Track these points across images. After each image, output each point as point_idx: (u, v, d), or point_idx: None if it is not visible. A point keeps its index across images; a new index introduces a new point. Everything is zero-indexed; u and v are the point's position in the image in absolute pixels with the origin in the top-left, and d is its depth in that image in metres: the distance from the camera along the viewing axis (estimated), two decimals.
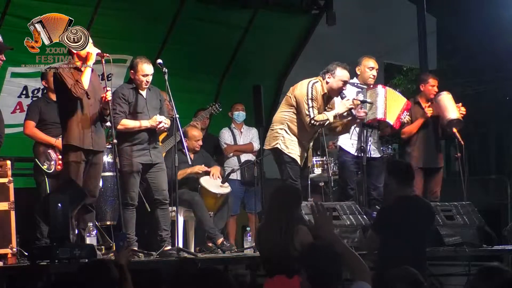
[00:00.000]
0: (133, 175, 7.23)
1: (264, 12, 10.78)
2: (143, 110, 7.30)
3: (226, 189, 8.41)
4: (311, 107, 7.35)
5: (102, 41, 7.60)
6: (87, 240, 6.71)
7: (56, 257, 6.02)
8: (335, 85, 7.49)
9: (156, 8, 9.86)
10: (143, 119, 7.28)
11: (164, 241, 7.34)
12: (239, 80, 10.76)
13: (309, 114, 7.35)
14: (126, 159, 7.19)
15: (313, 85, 7.44)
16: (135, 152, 7.24)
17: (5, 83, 9.02)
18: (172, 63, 7.61)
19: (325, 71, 7.53)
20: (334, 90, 7.51)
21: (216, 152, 9.52)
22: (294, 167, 7.47)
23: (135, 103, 7.28)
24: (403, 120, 8.19)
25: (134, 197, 7.26)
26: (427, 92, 8.72)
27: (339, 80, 7.49)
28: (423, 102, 8.73)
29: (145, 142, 7.27)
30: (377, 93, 7.98)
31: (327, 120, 7.40)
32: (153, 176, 7.36)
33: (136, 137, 7.26)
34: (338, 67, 7.49)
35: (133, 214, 7.26)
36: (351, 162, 8.04)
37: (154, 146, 7.37)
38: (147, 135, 7.28)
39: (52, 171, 7.40)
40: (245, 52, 10.78)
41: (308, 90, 7.39)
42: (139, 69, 7.27)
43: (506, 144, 16.92)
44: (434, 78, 8.86)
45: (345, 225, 7.52)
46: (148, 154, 7.30)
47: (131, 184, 7.22)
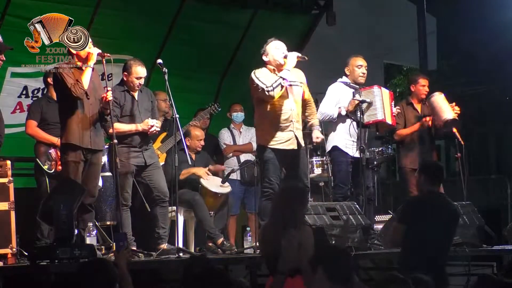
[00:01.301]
0: (127, 176, 7.25)
1: (264, 12, 10.79)
2: (134, 113, 7.32)
3: (227, 189, 8.42)
4: (259, 81, 7.17)
5: (102, 41, 7.60)
6: (87, 240, 6.71)
7: (56, 257, 6.02)
8: (273, 55, 7.35)
9: (156, 8, 9.86)
10: (135, 121, 7.29)
11: (161, 238, 7.35)
12: (239, 80, 10.74)
13: (262, 87, 7.15)
14: (120, 160, 7.20)
15: (255, 71, 7.32)
16: (128, 154, 7.26)
17: (5, 83, 9.03)
18: (172, 63, 7.61)
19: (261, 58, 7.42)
20: (277, 60, 7.33)
21: (216, 152, 9.52)
22: (273, 165, 7.27)
23: (126, 106, 7.30)
24: (395, 114, 8.18)
25: (128, 198, 7.28)
26: (418, 92, 8.73)
27: (272, 50, 7.36)
28: (415, 103, 8.73)
29: (137, 145, 7.30)
30: (374, 94, 7.97)
31: (280, 78, 7.18)
32: (150, 175, 7.38)
33: (128, 140, 7.28)
34: (266, 45, 7.39)
35: (127, 214, 7.26)
36: (348, 163, 8.01)
37: (146, 148, 7.38)
38: (139, 138, 7.30)
39: (53, 171, 7.40)
40: (245, 52, 10.78)
41: (252, 76, 7.24)
42: (133, 71, 7.29)
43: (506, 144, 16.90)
44: (424, 78, 8.86)
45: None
46: (141, 156, 7.33)
47: (124, 185, 7.22)
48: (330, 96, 8.11)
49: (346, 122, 7.99)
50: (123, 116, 7.30)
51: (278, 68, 7.34)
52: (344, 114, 7.98)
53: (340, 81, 8.15)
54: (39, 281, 6.00)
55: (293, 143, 7.31)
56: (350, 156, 7.98)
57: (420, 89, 8.74)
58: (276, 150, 7.26)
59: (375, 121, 7.99)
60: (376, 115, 7.92)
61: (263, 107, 7.29)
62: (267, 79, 7.20)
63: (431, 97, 8.59)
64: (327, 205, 7.78)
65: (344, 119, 8.02)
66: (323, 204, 7.89)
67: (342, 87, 8.10)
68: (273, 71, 7.34)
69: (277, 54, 7.35)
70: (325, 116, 8.05)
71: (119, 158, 7.12)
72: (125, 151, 7.25)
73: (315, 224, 7.39)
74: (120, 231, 6.95)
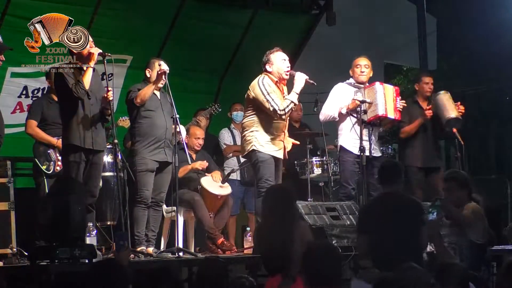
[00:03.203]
0: (148, 174, 7.26)
1: (264, 12, 10.78)
2: (156, 109, 7.34)
3: (227, 190, 8.41)
4: (272, 101, 7.22)
5: (102, 41, 7.61)
6: (87, 240, 6.69)
7: (56, 257, 6.01)
8: (278, 67, 7.38)
9: (156, 8, 9.86)
10: (156, 117, 7.31)
11: (149, 241, 7.37)
12: (239, 80, 10.75)
13: (275, 108, 7.22)
14: (141, 157, 7.22)
15: (262, 80, 7.34)
16: (150, 151, 7.27)
17: (5, 83, 9.02)
18: (172, 63, 7.60)
19: (263, 66, 7.43)
20: (281, 73, 7.37)
21: (216, 152, 9.52)
22: (269, 166, 7.32)
23: (150, 101, 7.30)
24: (400, 108, 8.15)
25: (148, 196, 7.27)
26: (423, 90, 8.76)
27: (278, 61, 7.38)
28: (420, 101, 8.75)
29: (160, 141, 7.31)
30: (375, 90, 7.97)
31: (291, 103, 7.26)
32: (159, 175, 7.39)
33: (150, 136, 7.29)
34: (270, 54, 7.42)
35: (144, 212, 7.28)
36: (353, 162, 8.01)
37: (168, 145, 7.40)
38: (161, 134, 7.32)
39: (51, 172, 7.40)
40: (245, 52, 10.78)
41: (261, 87, 7.28)
42: (156, 66, 7.34)
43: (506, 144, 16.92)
44: (427, 76, 8.90)
45: (345, 225, 7.53)
46: (163, 152, 7.34)
47: (144, 183, 7.24)
48: (331, 97, 8.14)
49: (350, 121, 7.98)
50: (144, 111, 7.32)
51: (280, 81, 7.39)
52: (345, 113, 7.98)
53: (345, 82, 8.18)
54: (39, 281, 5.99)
55: (284, 153, 7.44)
56: (355, 155, 7.97)
57: (424, 86, 8.77)
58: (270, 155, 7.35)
59: (375, 117, 7.97)
60: (376, 110, 7.92)
61: (261, 114, 7.34)
62: (278, 98, 7.25)
63: (437, 95, 8.62)
64: (327, 205, 7.79)
65: (346, 118, 8.01)
66: (323, 204, 7.90)
67: (344, 87, 8.11)
68: (276, 83, 7.38)
69: (283, 67, 7.39)
70: (326, 117, 8.09)
71: (138, 157, 7.15)
72: (143, 149, 7.28)
73: (315, 224, 7.40)
74: (122, 229, 6.96)
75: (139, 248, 7.16)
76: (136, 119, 7.34)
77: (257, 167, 7.35)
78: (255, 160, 7.35)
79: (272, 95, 7.24)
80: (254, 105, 7.36)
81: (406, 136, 8.68)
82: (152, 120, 7.32)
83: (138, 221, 7.22)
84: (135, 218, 7.20)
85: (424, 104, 8.73)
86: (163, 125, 7.35)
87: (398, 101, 8.09)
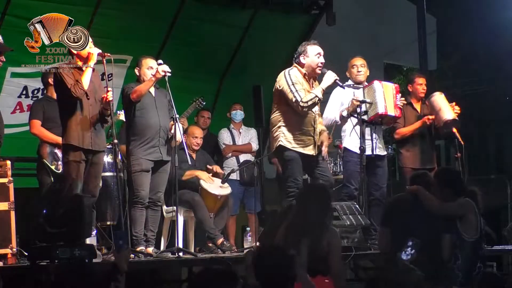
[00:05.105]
0: (143, 174, 7.25)
1: (264, 12, 10.78)
2: (150, 107, 7.33)
3: (227, 190, 8.41)
4: (296, 92, 7.20)
5: (102, 41, 7.60)
6: (87, 240, 6.71)
7: (56, 257, 6.01)
8: (312, 60, 7.39)
9: (156, 8, 9.86)
10: (149, 115, 7.31)
11: (148, 241, 7.36)
12: (238, 80, 10.77)
13: (297, 99, 7.19)
14: (136, 158, 7.21)
15: (289, 72, 7.34)
16: (144, 151, 7.26)
17: (5, 83, 9.03)
18: (172, 63, 7.59)
19: (297, 56, 7.43)
20: (313, 67, 7.38)
21: (216, 152, 9.52)
22: (297, 165, 7.32)
23: (143, 99, 7.30)
24: (400, 105, 8.14)
25: (144, 196, 7.27)
26: (416, 91, 8.73)
27: (313, 55, 7.39)
28: (414, 102, 8.73)
29: (154, 140, 7.30)
30: (374, 89, 7.96)
31: (316, 97, 7.25)
32: (155, 174, 7.38)
33: (144, 135, 7.28)
34: (308, 45, 7.43)
35: (142, 213, 7.28)
36: (356, 162, 7.98)
37: (163, 144, 7.39)
38: (155, 133, 7.31)
39: (61, 171, 7.37)
40: (245, 52, 10.78)
41: (286, 78, 7.27)
42: (143, 63, 7.40)
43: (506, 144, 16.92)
44: (420, 77, 8.86)
45: (345, 225, 7.51)
46: (158, 151, 7.33)
47: (140, 183, 7.24)
48: (332, 101, 8.12)
49: (352, 122, 7.97)
50: (139, 110, 7.32)
51: (310, 75, 7.38)
52: (346, 115, 7.98)
53: (344, 85, 8.17)
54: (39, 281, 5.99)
55: (314, 149, 7.39)
56: (358, 155, 7.95)
57: (418, 87, 8.74)
58: (297, 152, 7.32)
59: (375, 115, 7.95)
60: (376, 109, 7.91)
61: (286, 107, 7.32)
62: (302, 90, 7.22)
63: (431, 97, 8.58)
64: None
65: (348, 120, 8.01)
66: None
67: (343, 90, 8.10)
68: (304, 75, 7.37)
69: (316, 62, 7.38)
70: (328, 121, 8.06)
71: (133, 157, 7.15)
72: (137, 149, 7.27)
73: None
74: (122, 229, 6.96)
75: (138, 248, 7.16)
76: (131, 118, 7.34)
77: (285, 166, 7.35)
78: (284, 158, 7.33)
79: (296, 86, 7.22)
80: (280, 97, 7.34)
81: (400, 138, 8.67)
82: (145, 119, 7.32)
83: (136, 222, 7.22)
84: (133, 218, 7.19)
85: (418, 106, 8.72)
86: (157, 123, 7.34)
87: (398, 98, 8.09)
